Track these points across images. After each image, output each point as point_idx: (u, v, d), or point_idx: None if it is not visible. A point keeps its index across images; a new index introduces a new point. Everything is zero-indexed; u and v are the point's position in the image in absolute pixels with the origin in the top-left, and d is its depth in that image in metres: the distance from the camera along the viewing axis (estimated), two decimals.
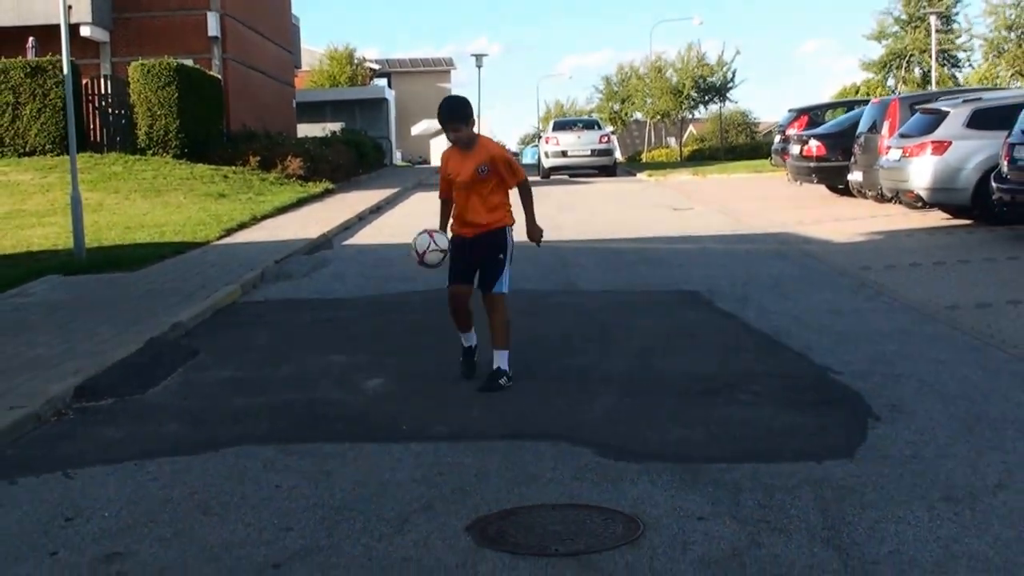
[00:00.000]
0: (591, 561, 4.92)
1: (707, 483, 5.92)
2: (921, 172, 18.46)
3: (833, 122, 28.79)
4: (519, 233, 8.64)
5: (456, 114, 8.27)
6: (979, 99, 19.48)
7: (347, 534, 5.39)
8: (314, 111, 52.77)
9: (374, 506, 5.75)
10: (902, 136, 19.65)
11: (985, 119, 18.21)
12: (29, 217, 21.88)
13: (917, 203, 19.37)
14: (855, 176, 22.94)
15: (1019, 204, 15.73)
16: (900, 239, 17.49)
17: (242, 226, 21.40)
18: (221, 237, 19.75)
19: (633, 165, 53.08)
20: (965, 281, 13.01)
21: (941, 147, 18.22)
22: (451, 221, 8.62)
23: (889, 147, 20.05)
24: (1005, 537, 5.01)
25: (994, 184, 16.30)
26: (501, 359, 8.30)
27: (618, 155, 50.28)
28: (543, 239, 8.89)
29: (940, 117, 18.83)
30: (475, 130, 8.49)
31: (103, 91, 31.14)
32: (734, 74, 58.18)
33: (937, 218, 19.74)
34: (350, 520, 5.58)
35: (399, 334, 10.70)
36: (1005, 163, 16.00)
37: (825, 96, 59.75)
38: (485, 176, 8.27)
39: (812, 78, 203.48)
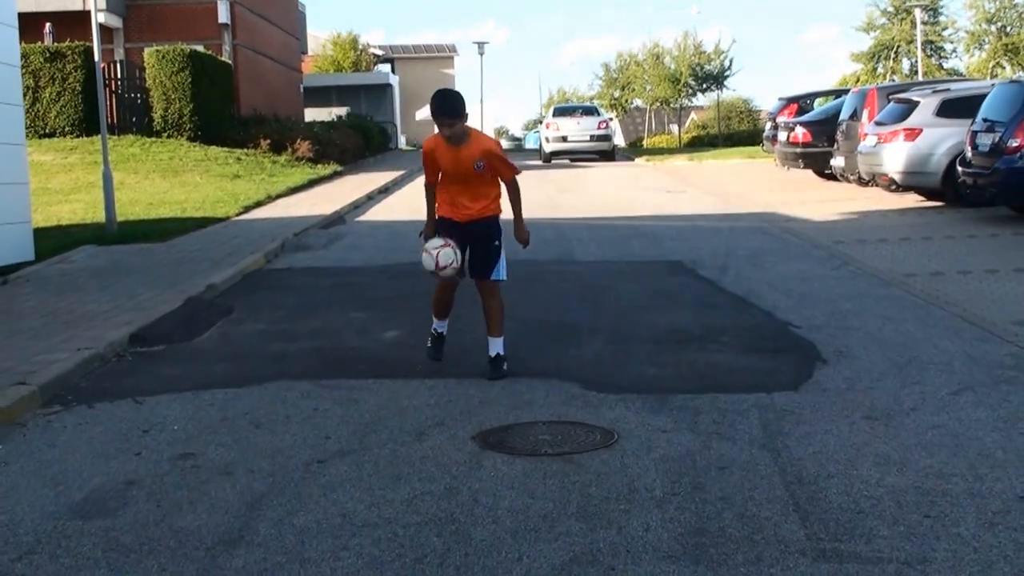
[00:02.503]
0: (573, 459, 6.14)
1: (672, 408, 7.15)
2: (895, 157, 19.70)
3: (818, 110, 29.94)
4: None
5: (451, 109, 8.02)
6: (948, 90, 20.73)
7: (375, 442, 6.61)
8: (320, 96, 53.64)
9: (396, 422, 6.97)
10: (878, 124, 20.88)
11: (953, 108, 19.47)
12: (55, 195, 23.06)
13: (892, 186, 20.63)
14: (838, 161, 24.15)
15: (981, 187, 16.95)
16: (874, 218, 18.70)
17: (258, 204, 22.62)
18: (240, 213, 20.99)
19: (633, 151, 53.98)
20: (925, 254, 14.22)
21: (913, 134, 19.45)
22: (438, 199, 8.45)
23: (867, 134, 21.24)
24: (908, 443, 6.24)
25: (959, 168, 17.55)
26: (500, 345, 8.30)
27: (617, 141, 51.20)
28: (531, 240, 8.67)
29: (912, 106, 20.07)
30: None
31: (119, 76, 32.26)
32: (731, 62, 59.10)
33: (912, 200, 20.95)
34: (377, 432, 6.81)
35: (411, 297, 11.86)
36: (969, 149, 17.23)
37: (827, 84, 60.57)
38: (482, 171, 8.10)
39: (816, 65, 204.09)
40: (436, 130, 8.15)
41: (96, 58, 20.02)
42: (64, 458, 6.55)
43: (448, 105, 8.03)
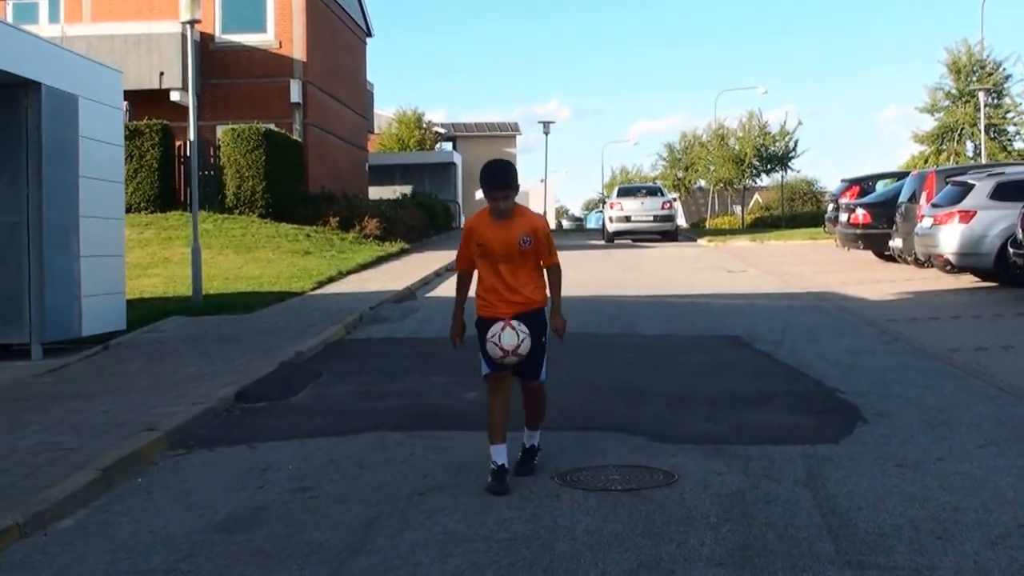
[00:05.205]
0: (640, 494, 7.14)
1: (727, 456, 8.13)
2: (950, 238, 20.57)
3: (878, 192, 30.81)
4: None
5: (506, 180, 7.60)
6: (1002, 173, 21.58)
7: (467, 479, 7.64)
8: (384, 174, 54.72)
9: (484, 464, 7.94)
10: (934, 206, 21.76)
11: (1007, 191, 20.32)
12: (133, 269, 24.24)
13: (947, 267, 21.47)
14: (896, 242, 25.01)
15: None
16: (928, 298, 19.55)
17: (331, 279, 23.69)
18: (314, 288, 22.09)
19: (695, 231, 54.73)
20: (972, 331, 15.08)
21: (967, 216, 20.31)
22: (478, 298, 7.92)
23: (923, 216, 22.12)
24: (931, 485, 7.19)
25: (1011, 249, 18.41)
26: (534, 438, 8.01)
27: (680, 221, 51.90)
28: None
29: (967, 189, 20.96)
30: (523, 199, 8.35)
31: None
32: (796, 143, 59.76)
33: (968, 281, 21.74)
34: (467, 472, 7.83)
35: None
36: (1020, 231, 18.11)
37: (893, 165, 60.93)
38: (527, 248, 7.61)
39: (884, 146, 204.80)
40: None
41: (191, 138, 21.40)
42: (198, 489, 7.64)
43: (502, 176, 7.63)
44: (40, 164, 13.64)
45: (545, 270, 7.80)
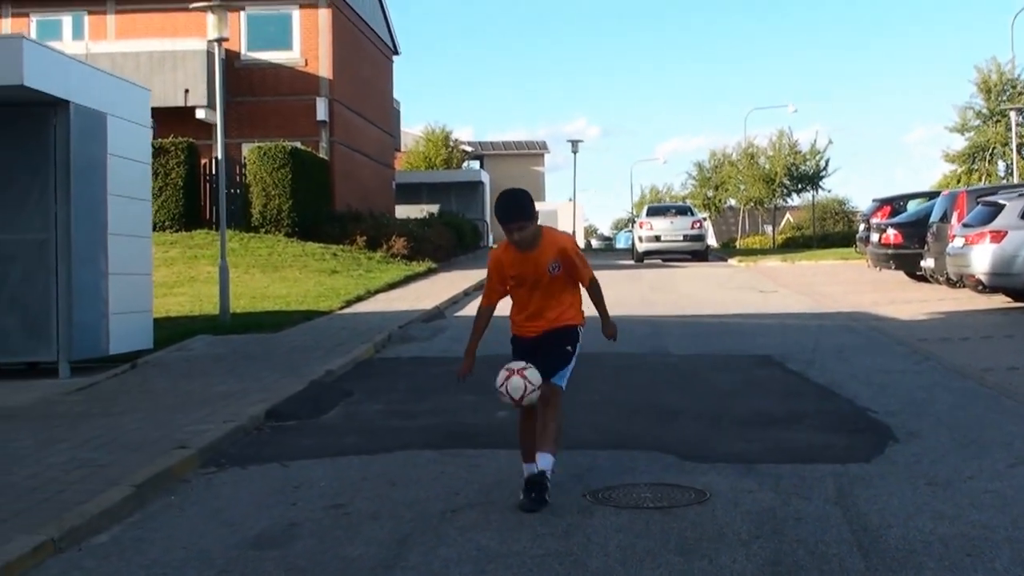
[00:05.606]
0: (671, 511, 7.16)
1: (758, 474, 8.13)
2: (981, 258, 20.49)
3: (910, 212, 30.69)
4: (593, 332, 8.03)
5: (520, 212, 7.33)
6: None
7: (499, 497, 7.67)
8: (411, 192, 54.71)
9: (515, 482, 7.97)
10: (965, 226, 21.69)
11: None
12: (159, 287, 24.25)
13: (979, 287, 21.37)
14: (928, 262, 24.95)
15: None
16: (960, 318, 19.48)
17: (359, 299, 23.80)
18: (342, 307, 22.20)
19: (726, 251, 54.69)
20: (1004, 351, 15.01)
21: (998, 236, 20.24)
22: (511, 318, 7.86)
23: (955, 235, 22.06)
24: (962, 503, 7.18)
25: None
26: (546, 462, 7.42)
27: (710, 241, 51.83)
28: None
29: (998, 209, 20.89)
30: (552, 219, 8.06)
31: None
32: (827, 163, 59.61)
33: (1000, 301, 21.65)
34: (499, 489, 7.86)
35: None
36: None
37: (925, 184, 60.65)
38: (557, 273, 7.45)
39: (916, 165, 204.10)
40: None
41: (218, 155, 21.54)
42: (231, 506, 7.71)
43: (515, 209, 7.36)
44: (68, 182, 13.76)
45: (583, 287, 7.68)
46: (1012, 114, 43.39)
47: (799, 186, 60.05)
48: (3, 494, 7.73)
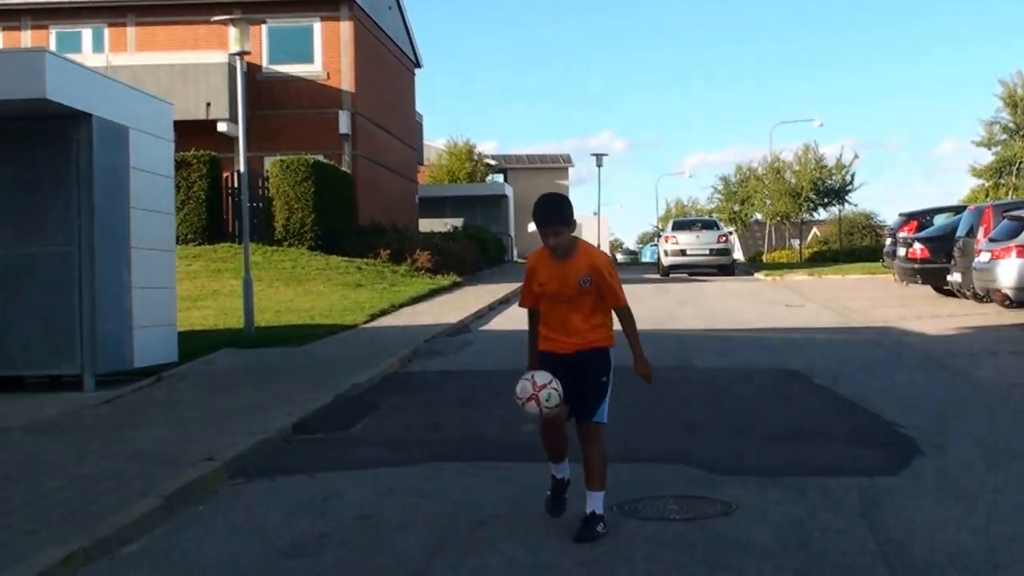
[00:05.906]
0: (698, 523, 7.21)
1: (784, 487, 8.17)
2: (1007, 273, 20.45)
3: (936, 227, 30.58)
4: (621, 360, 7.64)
5: (557, 216, 7.11)
6: None
7: (527, 508, 7.72)
8: (435, 206, 54.52)
9: (543, 494, 8.01)
10: (991, 240, 21.64)
11: None
12: (183, 301, 24.25)
13: (1005, 302, 21.29)
14: (954, 277, 24.85)
15: None
16: (987, 333, 19.42)
17: (383, 312, 23.78)
18: (367, 321, 22.19)
19: (752, 265, 54.56)
20: None
21: None
22: (539, 332, 7.44)
23: (981, 250, 22.01)
24: (988, 516, 7.21)
25: None
26: (597, 502, 7.17)
27: (736, 255, 51.70)
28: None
29: None
30: (577, 232, 7.43)
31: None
32: (853, 177, 59.51)
33: None
34: (528, 501, 7.90)
35: None
36: None
37: (952, 198, 60.56)
38: (587, 288, 7.12)
39: (943, 179, 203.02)
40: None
41: (241, 169, 21.52)
42: (260, 516, 7.78)
43: (553, 212, 7.14)
44: (91, 195, 13.74)
45: (615, 313, 7.32)
46: None
47: (825, 200, 59.89)
48: (34, 505, 7.82)
